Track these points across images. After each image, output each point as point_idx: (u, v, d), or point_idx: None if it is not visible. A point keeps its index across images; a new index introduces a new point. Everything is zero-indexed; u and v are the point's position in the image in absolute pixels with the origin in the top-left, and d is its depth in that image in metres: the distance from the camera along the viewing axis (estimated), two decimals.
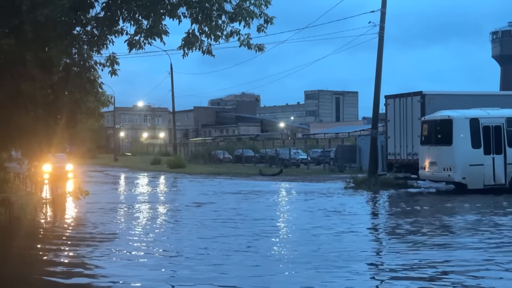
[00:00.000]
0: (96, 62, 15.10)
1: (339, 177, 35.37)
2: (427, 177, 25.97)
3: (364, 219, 18.16)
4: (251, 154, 61.65)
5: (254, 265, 10.74)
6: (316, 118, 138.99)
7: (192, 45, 13.36)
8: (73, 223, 16.92)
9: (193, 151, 74.39)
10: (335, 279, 9.49)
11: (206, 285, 9.25)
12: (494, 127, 24.24)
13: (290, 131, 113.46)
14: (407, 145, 28.24)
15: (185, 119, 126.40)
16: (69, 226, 16.27)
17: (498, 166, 24.01)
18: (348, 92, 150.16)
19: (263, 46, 13.82)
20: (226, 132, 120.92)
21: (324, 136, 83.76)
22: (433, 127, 25.31)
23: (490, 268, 10.17)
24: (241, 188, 29.85)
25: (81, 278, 9.91)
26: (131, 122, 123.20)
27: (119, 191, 29.22)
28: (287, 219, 18.01)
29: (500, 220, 16.30)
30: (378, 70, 30.94)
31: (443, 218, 17.12)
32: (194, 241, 13.54)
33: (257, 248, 12.35)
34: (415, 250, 12.01)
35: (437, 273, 9.85)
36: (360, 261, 10.91)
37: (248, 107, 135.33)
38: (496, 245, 12.34)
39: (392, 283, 9.41)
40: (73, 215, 18.59)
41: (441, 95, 28.24)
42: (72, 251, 12.47)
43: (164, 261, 11.21)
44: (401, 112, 28.60)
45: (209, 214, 18.87)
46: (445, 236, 14.00)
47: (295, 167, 50.45)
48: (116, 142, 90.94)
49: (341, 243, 12.93)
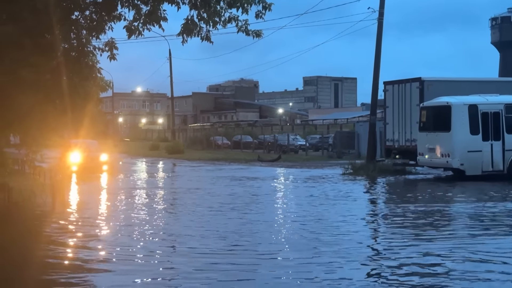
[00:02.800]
0: (94, 47, 15.07)
1: (337, 163, 35.42)
2: (425, 163, 26.03)
3: (362, 205, 18.20)
4: (249, 140, 61.67)
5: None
6: (314, 104, 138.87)
7: (191, 32, 13.34)
8: (71, 207, 16.96)
9: (191, 137, 74.42)
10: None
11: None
12: (493, 114, 24.26)
13: (288, 117, 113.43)
14: (405, 131, 28.29)
15: (184, 105, 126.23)
16: (67, 210, 16.31)
17: (496, 152, 24.05)
18: (347, 78, 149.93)
19: (261, 33, 13.79)
20: (224, 118, 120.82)
21: (322, 122, 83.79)
22: (431, 114, 25.33)
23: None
24: (240, 174, 29.88)
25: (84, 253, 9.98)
26: (129, 108, 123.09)
27: (118, 176, 29.20)
28: (286, 206, 18.05)
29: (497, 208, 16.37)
30: (377, 56, 30.90)
31: (440, 205, 17.18)
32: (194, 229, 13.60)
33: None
34: (412, 237, 12.08)
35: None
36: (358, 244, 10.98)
37: (246, 93, 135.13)
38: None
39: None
40: (72, 199, 18.61)
41: (439, 81, 28.27)
42: (70, 233, 12.52)
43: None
44: (400, 99, 28.63)
45: (207, 201, 18.91)
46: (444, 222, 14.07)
47: (294, 153, 50.49)
48: (115, 128, 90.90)
49: (339, 229, 13.01)
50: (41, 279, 8.84)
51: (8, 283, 8.64)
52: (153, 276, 8.98)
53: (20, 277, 8.96)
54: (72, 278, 8.86)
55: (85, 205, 17.54)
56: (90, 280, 8.87)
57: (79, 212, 16.29)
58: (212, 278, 8.63)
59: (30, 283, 8.64)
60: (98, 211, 16.45)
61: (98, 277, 9.05)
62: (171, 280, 8.67)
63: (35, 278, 8.87)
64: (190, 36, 13.42)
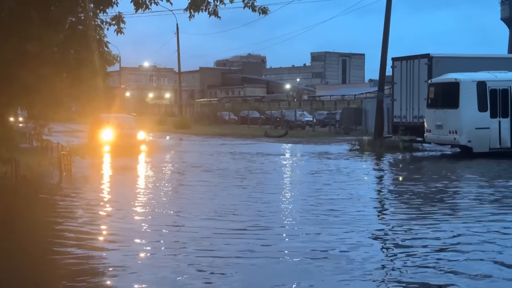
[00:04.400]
0: (102, 21, 15.02)
1: (344, 139, 35.39)
2: (432, 140, 25.95)
3: (370, 181, 18.19)
4: (256, 115, 61.63)
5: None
6: (322, 80, 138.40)
7: (198, 7, 13.26)
8: (77, 182, 17.03)
9: (198, 112, 74.40)
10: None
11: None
12: (501, 91, 24.11)
13: (296, 93, 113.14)
14: (413, 108, 28.17)
15: (191, 80, 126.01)
16: (73, 184, 16.38)
17: (504, 129, 23.95)
18: (355, 54, 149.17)
19: (267, 9, 13.71)
20: (231, 93, 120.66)
21: (330, 98, 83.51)
22: (439, 90, 25.19)
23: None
24: (247, 149, 29.90)
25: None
26: (137, 82, 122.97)
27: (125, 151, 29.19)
28: (292, 180, 18.08)
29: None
30: (385, 32, 30.66)
31: (448, 184, 17.18)
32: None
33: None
34: (414, 216, 12.09)
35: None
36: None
37: (254, 69, 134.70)
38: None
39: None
40: (78, 174, 18.66)
41: (448, 57, 28.08)
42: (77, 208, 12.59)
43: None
44: (408, 75, 28.49)
45: (214, 178, 18.95)
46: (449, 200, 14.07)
47: (301, 129, 50.46)
48: (122, 102, 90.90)
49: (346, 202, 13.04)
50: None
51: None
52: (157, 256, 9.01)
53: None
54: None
55: (96, 182, 17.59)
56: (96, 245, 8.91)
57: (85, 186, 16.36)
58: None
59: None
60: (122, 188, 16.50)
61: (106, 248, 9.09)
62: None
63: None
64: (198, 11, 13.35)
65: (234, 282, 7.27)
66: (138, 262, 8.35)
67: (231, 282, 7.26)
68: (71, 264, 8.09)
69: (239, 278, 7.43)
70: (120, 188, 16.19)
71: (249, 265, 8.03)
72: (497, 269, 7.78)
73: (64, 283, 7.28)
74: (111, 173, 20.04)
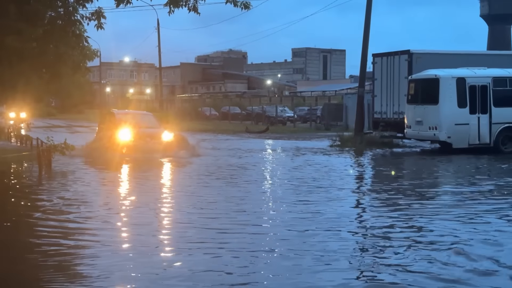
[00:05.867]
0: (82, 16, 14.92)
1: (325, 135, 35.48)
2: (412, 136, 26.10)
3: (349, 176, 18.25)
4: (237, 111, 61.62)
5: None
6: (303, 76, 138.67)
7: (177, 3, 13.22)
8: (55, 176, 16.91)
9: (179, 107, 74.19)
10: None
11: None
12: (480, 87, 24.29)
13: (277, 88, 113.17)
14: (393, 104, 28.32)
15: (172, 75, 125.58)
16: (52, 178, 16.25)
17: (483, 125, 24.13)
18: (336, 50, 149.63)
19: (249, 4, 13.70)
20: (212, 89, 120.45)
21: (311, 94, 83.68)
22: (419, 86, 25.32)
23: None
24: (227, 145, 29.87)
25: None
26: (117, 78, 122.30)
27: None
28: (271, 175, 18.10)
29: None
30: (366, 28, 30.78)
31: (426, 177, 17.28)
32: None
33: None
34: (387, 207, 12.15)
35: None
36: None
37: (235, 64, 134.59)
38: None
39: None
40: (56, 169, 18.52)
41: (428, 54, 28.24)
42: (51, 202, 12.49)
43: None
44: (388, 71, 28.62)
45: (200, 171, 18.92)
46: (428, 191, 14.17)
47: (282, 125, 50.54)
48: (102, 98, 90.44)
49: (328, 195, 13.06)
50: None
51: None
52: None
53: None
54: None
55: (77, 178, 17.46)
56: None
57: (60, 180, 16.25)
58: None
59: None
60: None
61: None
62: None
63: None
64: (177, 7, 13.32)
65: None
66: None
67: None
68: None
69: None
70: (97, 187, 16.09)
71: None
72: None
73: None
74: (96, 170, 19.88)
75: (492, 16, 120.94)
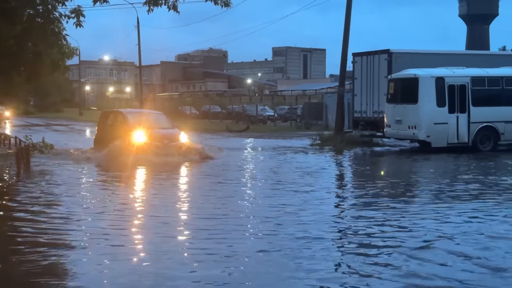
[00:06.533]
0: (61, 14, 14.82)
1: (305, 134, 35.55)
2: (392, 135, 26.23)
3: (330, 175, 18.32)
4: (218, 110, 61.57)
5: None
6: (283, 75, 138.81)
7: (156, 1, 13.20)
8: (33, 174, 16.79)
9: (159, 106, 73.86)
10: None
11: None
12: (459, 86, 24.46)
13: (257, 87, 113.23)
14: (373, 103, 28.45)
15: (152, 74, 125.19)
16: (31, 177, 16.14)
17: (462, 124, 24.31)
18: (316, 50, 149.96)
19: (229, 2, 13.70)
20: (193, 88, 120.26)
21: (291, 93, 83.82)
22: (399, 85, 25.46)
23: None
24: (208, 144, 29.80)
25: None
26: (96, 76, 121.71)
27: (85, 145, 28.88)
28: (251, 175, 18.11)
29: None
30: (346, 27, 30.86)
31: (407, 176, 17.39)
32: None
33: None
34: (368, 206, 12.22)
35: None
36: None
37: (215, 63, 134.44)
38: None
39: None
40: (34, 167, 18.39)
41: (407, 53, 28.40)
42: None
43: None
44: (368, 70, 28.74)
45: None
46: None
47: (262, 123, 50.57)
48: (82, 96, 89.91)
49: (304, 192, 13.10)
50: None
51: None
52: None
53: None
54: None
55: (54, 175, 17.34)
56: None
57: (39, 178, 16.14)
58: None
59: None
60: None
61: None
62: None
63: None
64: (157, 5, 13.29)
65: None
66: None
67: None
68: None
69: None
70: (73, 186, 16.01)
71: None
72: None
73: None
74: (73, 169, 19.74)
75: (470, 16, 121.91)
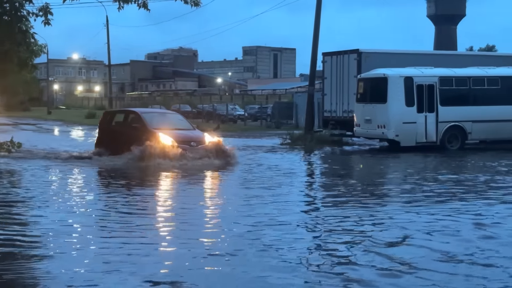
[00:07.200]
0: (28, 12, 14.67)
1: (275, 133, 35.61)
2: (361, 134, 26.42)
3: (300, 174, 18.37)
4: (188, 109, 61.37)
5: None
6: (253, 74, 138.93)
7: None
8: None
9: (129, 105, 73.53)
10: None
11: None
12: (427, 86, 24.72)
13: (227, 87, 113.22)
14: (343, 103, 28.64)
15: (121, 72, 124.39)
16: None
17: (430, 124, 24.58)
18: (286, 49, 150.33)
19: (199, 1, 13.71)
20: (163, 87, 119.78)
21: (261, 92, 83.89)
22: (368, 85, 25.66)
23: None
24: None
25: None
26: (65, 75, 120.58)
27: (53, 144, 28.60)
28: (221, 174, 18.08)
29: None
30: (316, 27, 31.01)
31: (374, 176, 17.52)
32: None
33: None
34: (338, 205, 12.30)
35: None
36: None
37: (185, 62, 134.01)
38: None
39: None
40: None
41: (377, 53, 28.64)
42: None
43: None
44: (338, 70, 28.92)
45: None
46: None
47: (232, 123, 50.54)
48: (50, 95, 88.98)
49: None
50: None
51: None
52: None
53: None
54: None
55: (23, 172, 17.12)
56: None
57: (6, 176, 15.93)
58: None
59: None
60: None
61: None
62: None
63: None
64: (127, 2, 13.22)
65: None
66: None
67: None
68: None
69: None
70: (44, 186, 15.84)
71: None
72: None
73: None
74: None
75: (438, 16, 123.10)
